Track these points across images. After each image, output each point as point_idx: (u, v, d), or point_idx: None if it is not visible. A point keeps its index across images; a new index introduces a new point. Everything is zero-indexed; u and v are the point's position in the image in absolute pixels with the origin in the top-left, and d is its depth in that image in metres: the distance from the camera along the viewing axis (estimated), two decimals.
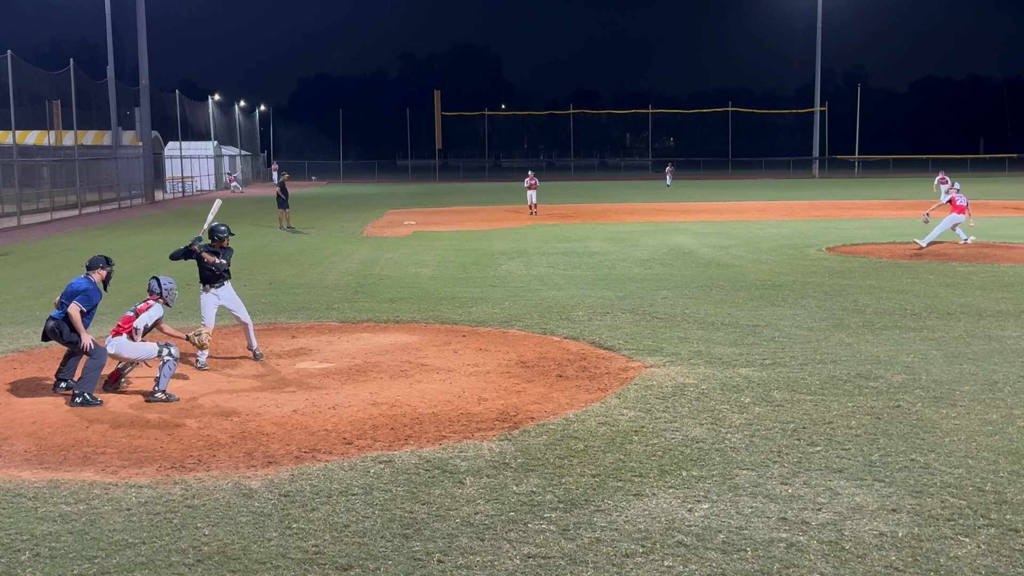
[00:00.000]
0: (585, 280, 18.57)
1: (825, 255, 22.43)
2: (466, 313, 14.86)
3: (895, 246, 24.17)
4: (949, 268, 19.47)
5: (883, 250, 23.29)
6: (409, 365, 11.28)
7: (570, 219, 36.20)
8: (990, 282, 17.37)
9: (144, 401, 9.81)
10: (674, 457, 7.79)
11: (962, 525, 6.36)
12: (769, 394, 9.71)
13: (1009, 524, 6.36)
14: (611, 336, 12.75)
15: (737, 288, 17.13)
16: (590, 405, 9.39)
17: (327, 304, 15.93)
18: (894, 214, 36.66)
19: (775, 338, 12.54)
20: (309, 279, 19.37)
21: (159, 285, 10.61)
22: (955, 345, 11.97)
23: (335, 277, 19.51)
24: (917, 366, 10.85)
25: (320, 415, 9.18)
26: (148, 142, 54.28)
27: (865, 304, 15.12)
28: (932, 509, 6.63)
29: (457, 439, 8.35)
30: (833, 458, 7.72)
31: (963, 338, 12.39)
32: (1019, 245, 24.08)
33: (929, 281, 17.64)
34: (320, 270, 20.98)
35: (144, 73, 52.60)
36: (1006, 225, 30.54)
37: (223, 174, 73.53)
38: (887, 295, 15.99)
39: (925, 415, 8.90)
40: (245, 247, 25.77)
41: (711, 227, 31.35)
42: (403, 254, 23.91)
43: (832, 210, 39.61)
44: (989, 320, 13.63)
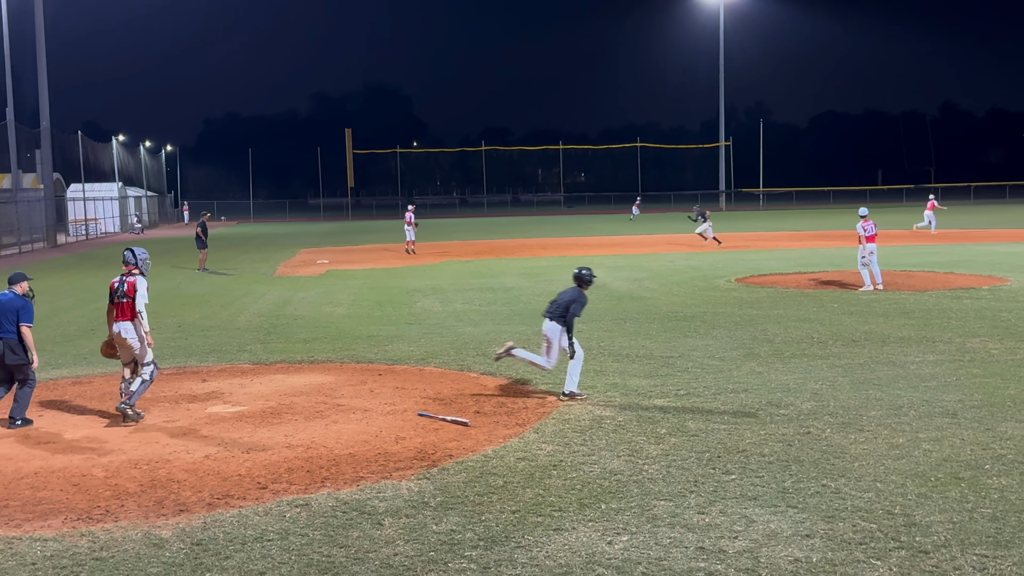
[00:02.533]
0: (501, 315, 18.61)
1: (734, 286, 22.89)
2: (382, 351, 14.75)
3: (801, 276, 24.82)
4: (852, 296, 20.05)
5: (789, 280, 23.88)
6: (325, 406, 11.13)
7: (484, 255, 36.30)
8: (892, 310, 17.94)
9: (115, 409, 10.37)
10: (593, 490, 7.82)
11: (874, 548, 6.51)
12: (684, 424, 9.83)
13: (919, 546, 6.53)
14: (528, 371, 12.78)
15: (650, 320, 17.36)
16: (508, 441, 9.38)
17: (239, 346, 15.65)
18: (798, 245, 37.66)
19: (688, 369, 12.73)
20: (220, 321, 19.01)
21: (134, 256, 10.90)
22: (861, 372, 12.30)
23: (247, 318, 19.19)
24: (825, 393, 11.12)
25: (233, 460, 8.98)
26: (50, 185, 52.83)
27: (774, 333, 15.46)
28: (844, 533, 6.78)
29: (375, 479, 8.26)
30: (748, 486, 7.84)
31: (868, 364, 12.75)
32: (918, 273, 24.95)
33: (834, 310, 18.13)
34: (231, 311, 20.61)
35: (45, 115, 51.29)
36: (905, 254, 31.61)
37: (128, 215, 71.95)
38: (794, 324, 16.38)
39: (834, 441, 9.11)
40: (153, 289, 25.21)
41: (623, 260, 31.76)
42: (317, 293, 23.65)
43: (739, 242, 40.52)
44: (892, 346, 14.06)
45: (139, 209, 75.92)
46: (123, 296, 10.68)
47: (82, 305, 22.59)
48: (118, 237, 61.72)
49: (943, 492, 7.58)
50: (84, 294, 25.40)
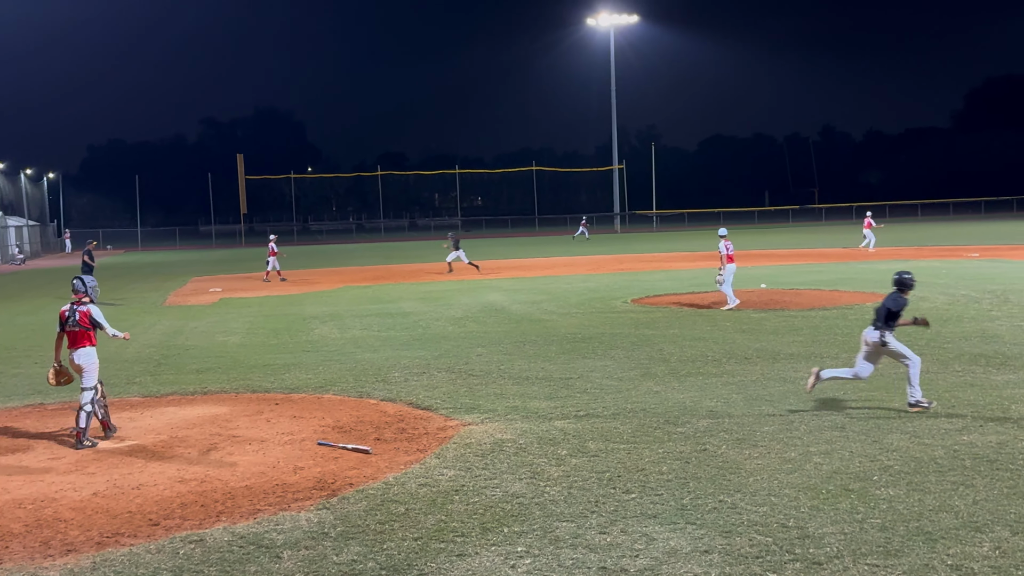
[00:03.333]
0: (400, 341, 18.49)
1: (631, 307, 23.23)
2: (279, 380, 14.49)
3: (694, 295, 25.34)
4: (744, 315, 20.56)
5: (683, 300, 24.36)
6: (219, 438, 10.85)
7: (382, 280, 36.06)
8: (782, 327, 18.45)
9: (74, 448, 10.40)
10: (495, 514, 7.81)
11: (770, 562, 6.65)
12: (584, 445, 9.91)
13: (813, 558, 6.70)
14: (428, 396, 12.72)
15: (549, 342, 17.48)
16: (410, 467, 9.30)
17: (128, 378, 15.17)
18: (691, 265, 38.49)
19: (588, 390, 12.85)
20: (108, 353, 18.36)
21: (84, 284, 11.18)
22: (754, 388, 12.61)
23: (136, 350, 18.62)
24: (720, 410, 11.36)
25: (123, 496, 8.68)
26: None
27: (670, 353, 15.73)
28: (741, 548, 6.91)
29: (273, 511, 8.08)
30: (647, 504, 7.94)
31: (760, 381, 13.08)
32: (805, 291, 25.74)
33: (727, 328, 18.56)
34: (120, 343, 19.93)
35: None
36: (794, 272, 32.61)
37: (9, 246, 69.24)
38: (689, 343, 16.71)
39: (730, 457, 9.30)
40: (35, 322, 24.30)
41: (521, 283, 31.94)
42: (209, 322, 23.11)
43: (635, 263, 41.20)
44: (783, 363, 14.45)
45: (20, 239, 73.14)
46: (75, 324, 10.96)
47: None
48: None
49: (834, 504, 7.81)
50: None
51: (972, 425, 10.25)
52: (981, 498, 7.84)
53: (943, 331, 17.12)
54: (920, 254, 39.97)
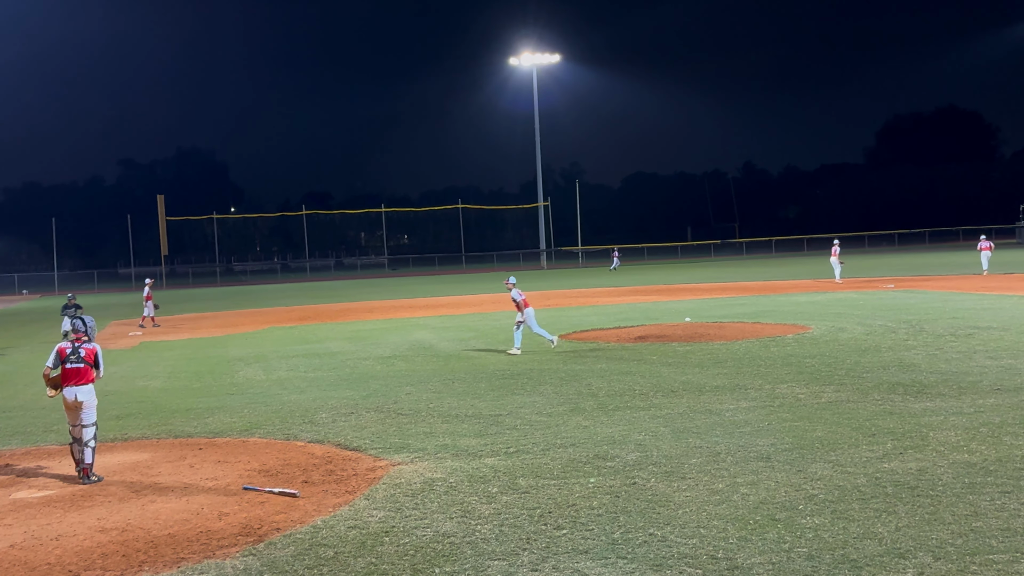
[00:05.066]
0: (327, 381, 18.29)
1: (559, 342, 23.33)
2: (202, 424, 14.20)
3: (620, 330, 25.57)
4: (670, 348, 20.80)
5: (610, 335, 24.56)
6: (141, 485, 10.58)
7: (308, 320, 35.66)
8: (706, 360, 18.71)
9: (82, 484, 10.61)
10: (426, 555, 7.74)
11: None
12: (515, 482, 9.89)
13: None
14: (357, 436, 12.58)
15: (478, 379, 17.45)
16: (338, 509, 9.18)
17: (44, 426, 14.72)
18: (617, 300, 38.86)
19: (517, 426, 12.85)
20: (23, 400, 17.86)
21: (84, 324, 11.41)
22: (680, 421, 12.74)
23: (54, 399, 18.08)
24: (648, 443, 11.45)
25: (42, 548, 8.39)
26: None
27: (598, 387, 15.83)
28: None
29: (197, 559, 7.89)
30: (579, 539, 7.95)
31: (687, 414, 13.23)
32: (728, 324, 26.16)
33: (653, 362, 18.75)
34: (36, 390, 19.38)
35: None
36: (716, 306, 33.12)
37: None
38: (617, 377, 16.84)
39: (659, 490, 9.37)
40: None
41: (449, 321, 31.89)
42: (129, 367, 22.58)
43: (561, 299, 41.45)
44: (708, 395, 14.65)
45: None
46: (79, 361, 11.13)
47: None
48: None
49: (762, 534, 7.91)
50: None
51: (892, 452, 10.49)
52: (904, 524, 8.02)
53: (862, 360, 17.53)
54: (837, 286, 40.96)
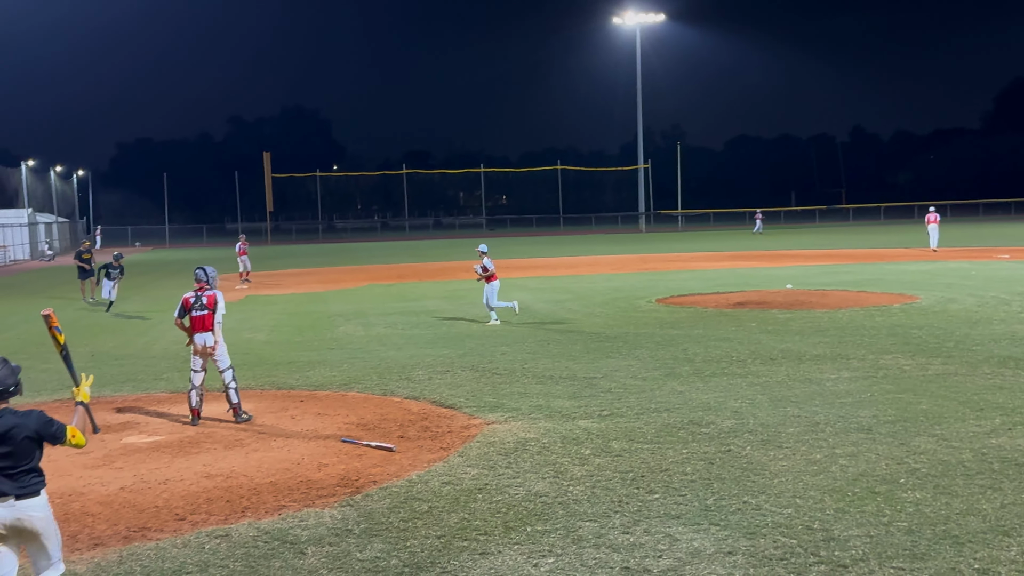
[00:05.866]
0: (424, 339, 18.53)
1: (655, 306, 23.17)
2: (303, 377, 14.56)
3: (719, 296, 25.23)
4: (769, 316, 20.45)
5: (708, 300, 24.25)
6: (244, 434, 10.92)
7: (407, 278, 36.15)
8: (807, 328, 18.33)
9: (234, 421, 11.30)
10: (518, 513, 7.81)
11: (794, 564, 6.61)
12: (608, 445, 9.89)
13: (838, 560, 6.66)
14: (452, 394, 12.74)
15: (573, 341, 17.46)
16: (433, 465, 9.32)
17: (155, 375, 15.29)
18: (717, 265, 38.34)
19: (611, 389, 12.82)
20: (135, 349, 18.57)
21: (206, 274, 11.92)
22: (779, 389, 12.54)
23: (163, 346, 18.78)
24: (745, 411, 11.30)
25: (150, 491, 8.75)
26: None
27: (694, 353, 15.67)
28: (765, 550, 6.88)
29: (297, 508, 8.12)
30: (671, 505, 7.91)
31: (785, 382, 13.00)
32: (832, 292, 25.56)
33: (752, 328, 18.46)
34: (147, 339, 20.15)
35: None
36: (819, 273, 32.40)
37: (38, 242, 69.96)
38: (714, 343, 16.64)
39: (754, 458, 9.26)
40: (64, 317, 24.49)
41: (546, 282, 31.93)
42: (235, 320, 23.23)
43: (659, 263, 41.08)
44: (808, 364, 14.36)
45: (50, 236, 73.93)
46: (203, 308, 11.70)
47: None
48: (28, 264, 59.93)
49: (860, 507, 7.75)
50: None
51: (1001, 428, 10.14)
52: (1009, 502, 7.76)
53: (972, 333, 16.96)
54: (949, 255, 39.61)
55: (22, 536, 5.50)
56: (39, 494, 5.51)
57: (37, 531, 5.50)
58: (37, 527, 5.48)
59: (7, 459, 5.43)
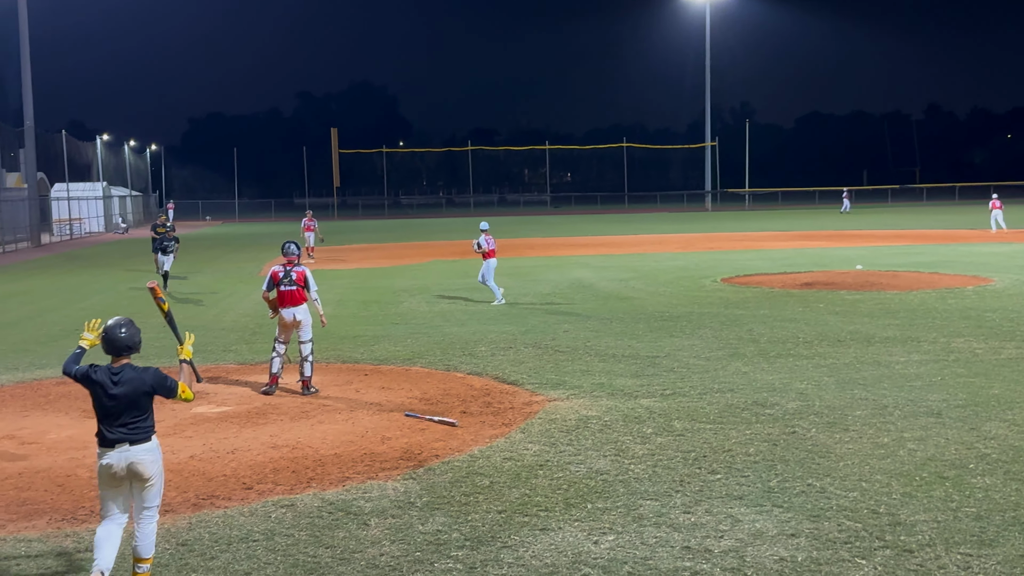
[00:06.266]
0: (487, 315, 18.61)
1: (720, 286, 22.95)
2: (368, 351, 14.72)
3: (786, 276, 24.89)
4: (838, 297, 20.12)
5: (775, 280, 23.95)
6: (310, 406, 11.10)
7: (470, 255, 36.26)
8: (877, 309, 18.01)
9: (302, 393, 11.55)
10: (579, 490, 7.83)
11: (859, 548, 6.53)
12: (670, 424, 9.85)
13: (903, 545, 6.56)
14: (514, 371, 12.78)
15: (637, 320, 17.38)
16: (495, 441, 9.37)
17: (224, 346, 15.59)
18: (784, 245, 37.80)
19: (674, 368, 12.75)
20: (205, 321, 18.93)
21: (297, 248, 12.17)
22: (846, 371, 12.35)
23: (232, 318, 19.13)
24: (811, 393, 11.16)
25: (218, 460, 8.95)
26: (34, 184, 52.50)
27: (759, 333, 15.50)
28: (829, 533, 6.80)
29: (361, 480, 8.24)
30: (733, 485, 7.86)
31: (853, 364, 12.80)
32: (903, 273, 25.06)
33: (819, 309, 18.19)
34: (216, 311, 20.54)
35: (29, 114, 50.99)
36: (890, 254, 31.77)
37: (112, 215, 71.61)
38: (780, 324, 16.43)
39: (820, 440, 9.14)
40: (138, 289, 25.09)
41: (610, 260, 31.80)
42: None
43: (725, 242, 40.63)
44: (877, 346, 14.12)
45: (123, 209, 75.59)
46: (292, 284, 11.81)
47: (66, 305, 22.47)
48: (102, 237, 61.42)
49: (928, 491, 7.62)
50: (68, 294, 25.27)
51: None
52: None
53: None
54: (1017, 238, 38.53)
55: (135, 479, 6.03)
56: (151, 439, 6.09)
57: (146, 475, 6.02)
58: (147, 471, 6.02)
59: (126, 410, 6.02)
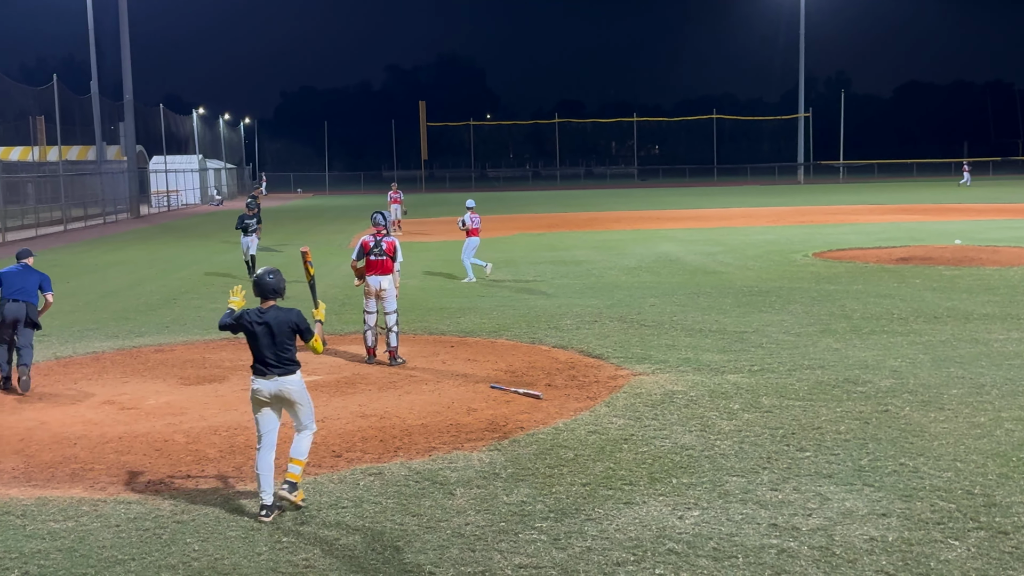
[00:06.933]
0: (573, 289, 18.58)
1: (812, 261, 22.50)
2: (454, 323, 14.85)
3: (881, 251, 24.28)
4: (935, 272, 19.56)
5: (869, 255, 23.38)
6: (398, 376, 11.26)
7: (557, 228, 36.23)
8: (976, 286, 17.45)
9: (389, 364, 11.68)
10: (664, 465, 7.79)
11: (952, 528, 6.38)
12: (758, 400, 9.72)
13: (998, 527, 6.38)
14: (599, 344, 12.75)
15: (724, 295, 17.16)
16: (579, 414, 9.38)
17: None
18: (879, 219, 36.83)
19: (763, 344, 12.57)
20: (295, 292, 19.29)
21: (384, 219, 12.36)
22: (942, 349, 12.02)
23: (322, 289, 19.34)
24: (905, 370, 10.89)
25: None
26: (133, 157, 54.09)
27: (852, 309, 15.17)
28: (922, 513, 6.65)
29: (447, 450, 8.34)
30: (823, 463, 7.74)
31: (950, 342, 12.45)
32: (1004, 248, 24.22)
33: (915, 285, 17.71)
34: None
35: (128, 88, 52.46)
36: (991, 228, 30.71)
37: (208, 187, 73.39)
38: (874, 300, 16.05)
39: (913, 419, 8.93)
40: (228, 261, 25.71)
41: (697, 234, 31.43)
42: None
43: (818, 216, 39.78)
44: (976, 323, 13.69)
45: (218, 181, 77.38)
46: (382, 254, 12.00)
47: (164, 275, 23.16)
48: (198, 209, 63.02)
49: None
50: (166, 264, 26.04)
51: None
52: None
53: None
54: None
55: (283, 404, 7.10)
56: (295, 373, 7.06)
57: (293, 400, 7.09)
58: (293, 397, 7.07)
59: (274, 344, 7.01)
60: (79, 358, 12.84)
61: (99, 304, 17.44)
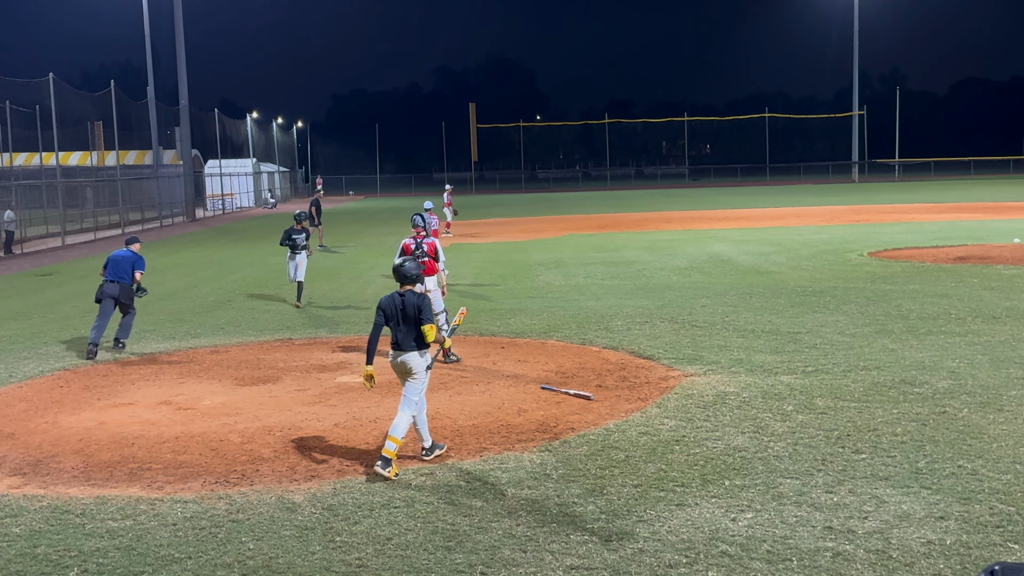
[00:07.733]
0: (623, 289, 18.51)
1: (867, 260, 22.19)
2: (504, 324, 14.87)
3: (938, 250, 23.86)
4: (994, 271, 19.18)
5: (926, 254, 22.99)
6: (449, 377, 11.30)
7: (607, 229, 36.12)
8: None
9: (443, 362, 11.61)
10: (716, 466, 7.73)
11: (1012, 532, 6.25)
12: (812, 402, 9.61)
13: None
14: (650, 345, 12.69)
15: (777, 295, 16.99)
16: (630, 415, 9.35)
17: (367, 318, 15.99)
18: (936, 217, 36.20)
19: (817, 345, 12.42)
20: (348, 294, 19.49)
21: (424, 220, 12.60)
22: (1001, 349, 11.78)
23: (374, 291, 19.61)
24: (963, 371, 10.69)
25: (361, 428, 9.22)
26: (188, 161, 54.96)
27: (908, 309, 14.93)
28: (980, 516, 6.53)
29: (498, 451, 8.35)
30: (879, 465, 7.62)
31: (1009, 342, 12.19)
32: None
33: (973, 285, 17.38)
34: (359, 284, 21.11)
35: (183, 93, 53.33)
36: None
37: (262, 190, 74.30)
38: (931, 300, 15.78)
39: (972, 421, 8.77)
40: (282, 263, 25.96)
41: (749, 234, 31.14)
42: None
43: (873, 215, 39.20)
44: None
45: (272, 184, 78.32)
46: (423, 255, 12.19)
47: (220, 277, 23.49)
48: (252, 212, 63.82)
49: None
50: (221, 267, 26.41)
51: None
52: None
53: None
54: None
55: (405, 374, 7.99)
56: (415, 351, 7.91)
57: (408, 369, 7.96)
58: (410, 368, 7.94)
59: (404, 323, 7.92)
60: (136, 359, 13.07)
61: (156, 306, 17.74)
